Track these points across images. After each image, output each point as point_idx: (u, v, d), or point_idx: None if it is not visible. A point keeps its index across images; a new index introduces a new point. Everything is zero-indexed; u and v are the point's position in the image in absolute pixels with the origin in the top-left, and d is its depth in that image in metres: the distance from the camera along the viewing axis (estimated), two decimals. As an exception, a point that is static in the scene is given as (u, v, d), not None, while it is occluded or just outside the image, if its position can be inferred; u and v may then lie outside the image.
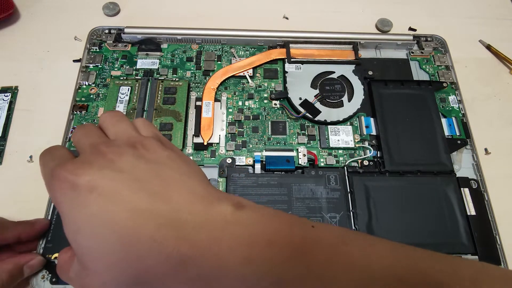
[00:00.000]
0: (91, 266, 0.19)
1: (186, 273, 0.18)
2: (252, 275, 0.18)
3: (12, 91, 0.40)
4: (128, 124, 0.24)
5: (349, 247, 0.20)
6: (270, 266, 0.18)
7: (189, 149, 0.37)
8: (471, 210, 0.35)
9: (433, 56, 0.44)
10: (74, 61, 0.42)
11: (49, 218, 0.33)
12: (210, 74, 0.41)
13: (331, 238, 0.20)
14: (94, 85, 0.40)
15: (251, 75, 0.41)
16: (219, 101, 0.40)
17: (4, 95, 0.39)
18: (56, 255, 0.31)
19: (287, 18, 0.47)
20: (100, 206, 0.18)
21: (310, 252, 0.19)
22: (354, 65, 0.42)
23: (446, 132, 0.39)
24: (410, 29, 0.46)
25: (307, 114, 0.39)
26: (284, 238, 0.19)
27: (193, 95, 0.40)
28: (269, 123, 0.39)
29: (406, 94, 0.40)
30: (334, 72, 0.41)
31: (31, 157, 0.36)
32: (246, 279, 0.18)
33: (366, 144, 0.38)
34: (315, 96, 0.40)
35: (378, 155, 0.37)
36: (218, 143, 0.37)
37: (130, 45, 0.42)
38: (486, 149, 0.39)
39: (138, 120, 0.25)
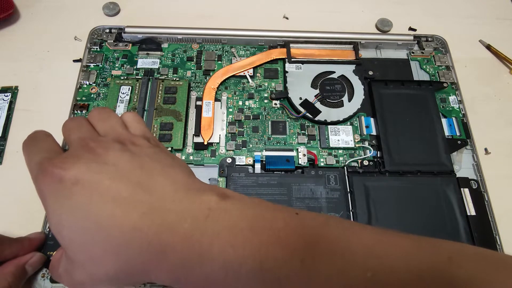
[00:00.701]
0: (76, 258, 0.19)
1: (168, 261, 0.18)
2: (234, 260, 0.18)
3: (12, 91, 0.40)
4: (117, 121, 0.24)
5: (331, 229, 0.20)
6: (252, 250, 0.18)
7: (189, 149, 0.37)
8: (471, 211, 0.35)
9: (433, 56, 0.44)
10: (74, 61, 0.42)
11: (47, 221, 0.32)
12: (211, 73, 0.41)
13: (314, 222, 0.20)
14: (94, 84, 0.40)
15: (252, 75, 0.41)
16: (220, 100, 0.40)
17: (4, 95, 0.39)
18: None
19: (287, 18, 0.47)
20: (82, 198, 0.19)
21: (292, 235, 0.19)
22: (354, 65, 0.42)
23: (446, 132, 0.39)
24: (410, 29, 0.46)
25: (307, 114, 0.39)
26: (266, 223, 0.19)
27: (194, 95, 0.40)
28: (269, 123, 0.39)
29: (407, 94, 0.40)
30: (334, 72, 0.41)
31: None
32: (228, 264, 0.18)
33: (366, 144, 0.38)
34: (315, 96, 0.40)
35: (378, 155, 0.37)
36: (218, 143, 0.37)
37: (130, 44, 0.42)
38: (486, 149, 0.39)
39: (127, 115, 0.25)
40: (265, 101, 0.40)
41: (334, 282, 0.18)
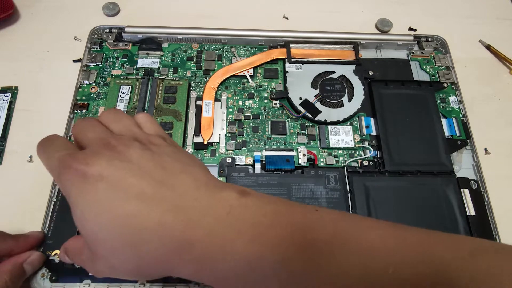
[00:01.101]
0: (99, 251, 0.20)
1: (191, 255, 0.19)
2: (256, 254, 0.19)
3: (12, 91, 0.40)
4: (132, 122, 0.24)
5: (349, 224, 0.20)
6: (272, 246, 0.19)
7: (189, 148, 0.37)
8: (471, 211, 0.35)
9: (433, 56, 0.44)
10: (74, 61, 0.42)
11: (48, 217, 0.32)
12: (211, 73, 0.41)
13: (332, 218, 0.21)
14: (94, 84, 0.40)
15: (252, 74, 0.41)
16: (219, 100, 0.40)
17: (4, 95, 0.39)
18: (56, 251, 0.31)
19: (287, 18, 0.47)
20: (107, 193, 0.19)
21: (311, 231, 0.19)
22: (354, 65, 0.42)
23: (446, 133, 0.38)
24: (410, 29, 0.46)
25: (307, 114, 0.39)
26: (285, 218, 0.20)
27: (194, 95, 0.40)
28: (269, 122, 0.39)
29: (407, 94, 0.40)
30: (334, 72, 0.41)
31: (31, 157, 0.36)
32: (250, 258, 0.19)
33: (366, 144, 0.38)
34: (315, 96, 0.40)
35: (378, 155, 0.37)
36: (218, 143, 0.37)
37: (130, 44, 0.42)
38: (486, 149, 0.39)
39: (140, 116, 0.25)
40: (265, 101, 0.40)
41: (355, 278, 0.18)
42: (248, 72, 0.41)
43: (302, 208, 0.21)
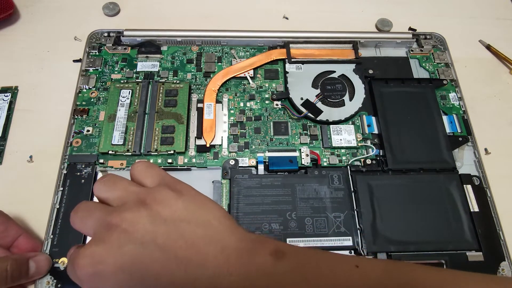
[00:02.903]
0: None
1: None
2: None
3: (12, 91, 0.40)
4: (126, 181, 0.22)
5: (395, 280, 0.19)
6: None
7: (192, 151, 0.37)
8: (474, 207, 0.35)
9: (432, 53, 0.44)
10: (74, 61, 0.42)
11: (52, 222, 0.32)
12: (211, 75, 0.41)
13: (377, 274, 0.19)
14: (94, 88, 0.39)
15: (252, 76, 0.41)
16: (221, 102, 0.40)
17: (4, 95, 0.39)
18: (62, 259, 0.30)
19: (287, 18, 0.47)
20: (127, 283, 0.18)
21: None
22: (354, 64, 0.42)
23: (448, 130, 0.39)
24: (410, 29, 0.46)
25: (309, 114, 0.39)
26: (326, 281, 0.19)
27: (194, 97, 0.40)
28: (271, 123, 0.39)
29: (407, 92, 0.40)
30: (334, 72, 0.41)
31: (31, 157, 0.36)
32: None
33: (369, 142, 0.38)
34: (316, 96, 0.40)
35: (381, 154, 0.37)
36: (220, 145, 0.37)
37: (129, 47, 0.42)
38: (486, 149, 0.39)
39: (138, 165, 0.23)
40: (266, 102, 0.40)
41: None
42: (248, 73, 0.41)
43: (342, 265, 0.19)
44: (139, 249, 0.18)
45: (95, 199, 0.33)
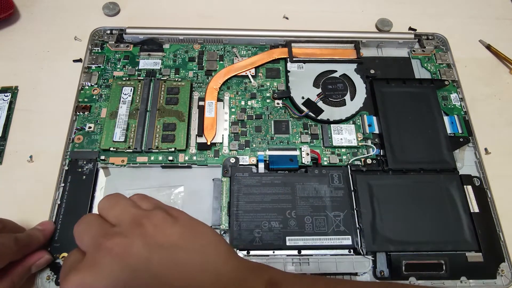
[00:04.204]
0: None
1: None
2: None
3: (12, 91, 0.40)
4: (127, 202, 0.22)
5: None
6: None
7: (193, 149, 0.37)
8: (474, 208, 0.35)
9: (434, 54, 0.44)
10: (74, 61, 0.42)
11: (53, 218, 0.32)
12: (213, 74, 0.41)
13: None
14: (96, 85, 0.40)
15: (254, 74, 0.41)
16: (222, 100, 0.40)
17: (4, 95, 0.39)
18: (63, 254, 0.31)
19: (287, 18, 0.47)
20: None
21: None
22: (356, 64, 0.42)
23: (449, 130, 0.39)
24: (410, 29, 0.46)
25: (310, 113, 0.39)
26: None
27: (196, 95, 0.40)
28: (272, 122, 0.39)
29: (408, 92, 0.40)
30: (336, 71, 0.41)
31: (31, 157, 0.36)
32: None
33: (369, 142, 0.38)
34: (317, 95, 0.40)
35: (381, 154, 0.37)
36: (221, 143, 0.37)
37: (132, 45, 0.42)
38: (486, 149, 0.39)
39: (134, 196, 0.23)
40: (268, 100, 0.40)
41: None
42: (250, 72, 0.41)
43: None
44: (132, 276, 0.18)
45: (96, 203, 0.33)
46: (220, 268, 0.19)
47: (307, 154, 0.37)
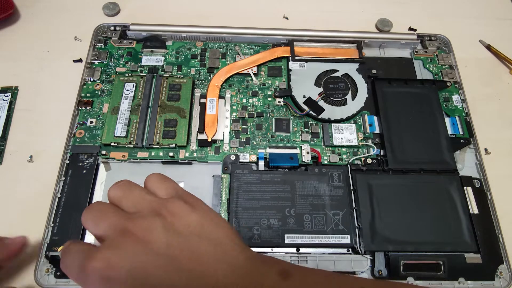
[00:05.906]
0: None
1: None
2: None
3: (12, 91, 0.40)
4: (143, 190, 0.22)
5: None
6: None
7: (193, 146, 0.37)
8: (474, 209, 0.35)
9: (436, 55, 0.44)
10: (74, 61, 0.42)
11: (53, 211, 0.33)
12: (215, 71, 0.41)
13: None
14: (99, 81, 0.40)
15: (255, 72, 0.41)
16: (223, 98, 0.40)
17: (4, 95, 0.39)
18: (61, 247, 0.31)
19: (287, 18, 0.47)
20: None
21: None
22: (358, 64, 0.42)
23: (450, 131, 0.39)
24: (410, 29, 0.46)
25: (311, 112, 0.39)
26: None
27: (198, 92, 0.40)
28: (273, 120, 0.39)
29: (410, 93, 0.40)
30: (338, 71, 0.41)
31: (31, 157, 0.36)
32: None
33: (370, 142, 0.38)
34: (319, 94, 0.40)
35: (382, 153, 0.37)
36: (222, 140, 0.37)
37: (135, 42, 0.42)
38: (486, 149, 0.39)
39: (152, 177, 0.23)
40: (269, 99, 0.40)
41: None
42: (252, 70, 0.41)
43: (346, 286, 0.20)
44: (152, 259, 0.18)
45: (96, 198, 0.33)
46: (235, 260, 0.20)
47: (308, 152, 0.37)
